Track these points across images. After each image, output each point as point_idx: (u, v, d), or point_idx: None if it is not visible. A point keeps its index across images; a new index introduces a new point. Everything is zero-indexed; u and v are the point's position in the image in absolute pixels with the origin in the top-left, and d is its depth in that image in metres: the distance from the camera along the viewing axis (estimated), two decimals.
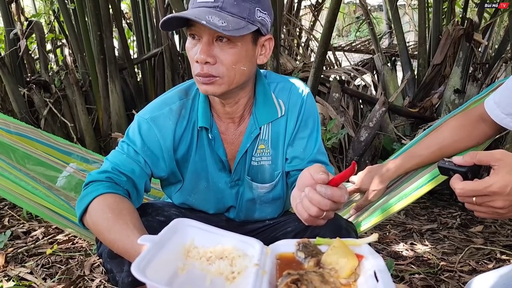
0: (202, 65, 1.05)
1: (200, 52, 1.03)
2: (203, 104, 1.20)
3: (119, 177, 1.12)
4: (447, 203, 3.02)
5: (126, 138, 1.19)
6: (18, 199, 1.45)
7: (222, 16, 1.01)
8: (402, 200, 1.51)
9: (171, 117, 1.19)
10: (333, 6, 2.72)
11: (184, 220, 0.86)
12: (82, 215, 1.08)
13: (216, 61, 1.05)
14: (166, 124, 1.18)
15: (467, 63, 3.13)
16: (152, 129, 1.17)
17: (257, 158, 1.25)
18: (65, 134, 3.70)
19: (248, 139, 1.22)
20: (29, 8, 5.36)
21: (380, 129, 3.15)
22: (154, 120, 1.18)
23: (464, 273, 2.02)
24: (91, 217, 1.05)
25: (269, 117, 1.22)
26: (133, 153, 1.16)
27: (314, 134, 1.26)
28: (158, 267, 0.72)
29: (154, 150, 1.18)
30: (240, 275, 0.77)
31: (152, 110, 1.20)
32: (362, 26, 5.70)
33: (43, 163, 1.80)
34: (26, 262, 2.09)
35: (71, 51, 3.95)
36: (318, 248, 0.84)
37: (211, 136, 1.21)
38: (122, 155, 1.16)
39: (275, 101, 1.23)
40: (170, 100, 1.21)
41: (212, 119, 1.22)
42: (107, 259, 1.09)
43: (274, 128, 1.24)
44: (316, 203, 0.89)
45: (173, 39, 3.85)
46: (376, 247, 2.28)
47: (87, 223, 1.08)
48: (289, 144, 1.25)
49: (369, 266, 0.75)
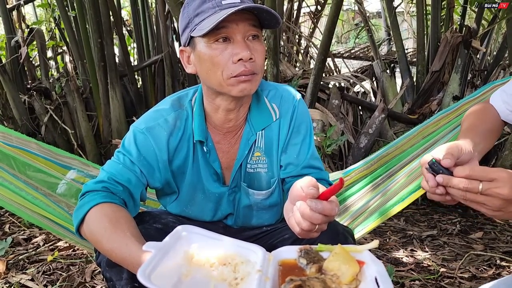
0: (245, 63, 1.06)
1: (243, 49, 1.04)
2: (198, 117, 1.20)
3: (115, 186, 1.12)
4: (447, 210, 3.02)
5: (122, 149, 1.19)
6: (18, 210, 1.46)
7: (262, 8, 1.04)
8: (398, 204, 1.53)
9: (167, 128, 1.19)
10: (332, 13, 2.74)
11: (188, 227, 0.87)
12: (79, 226, 1.08)
13: (255, 57, 1.07)
14: (161, 135, 1.18)
15: (465, 70, 3.15)
16: (148, 139, 1.17)
17: (253, 165, 1.26)
18: (66, 141, 3.71)
19: (245, 146, 1.23)
20: (30, 15, 5.38)
21: (380, 136, 3.17)
22: (149, 130, 1.18)
23: (464, 280, 2.02)
24: (88, 226, 1.05)
25: (264, 122, 1.23)
26: (129, 163, 1.16)
27: (307, 139, 1.27)
28: (163, 273, 0.73)
29: (150, 160, 1.18)
30: (243, 281, 0.78)
31: (147, 121, 1.20)
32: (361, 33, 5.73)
33: (43, 171, 1.81)
34: (27, 269, 2.10)
35: (71, 58, 3.96)
36: (320, 255, 0.85)
37: (206, 149, 1.21)
38: (118, 165, 1.15)
39: (268, 105, 1.25)
40: (165, 111, 1.21)
41: (207, 131, 1.22)
42: (106, 268, 1.09)
43: (267, 135, 1.25)
44: (307, 218, 0.89)
45: (173, 46, 3.87)
46: (376, 254, 2.29)
47: (84, 233, 1.07)
48: (283, 150, 1.26)
49: (370, 272, 0.76)
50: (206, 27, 1.02)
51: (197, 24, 1.06)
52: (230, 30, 1.04)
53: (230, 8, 1.02)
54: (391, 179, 1.75)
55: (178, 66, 3.89)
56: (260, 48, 1.09)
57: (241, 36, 1.06)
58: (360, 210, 1.73)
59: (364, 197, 1.80)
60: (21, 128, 3.59)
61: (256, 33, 1.08)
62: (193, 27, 1.08)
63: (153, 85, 4.02)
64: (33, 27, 3.97)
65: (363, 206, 1.74)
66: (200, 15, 1.06)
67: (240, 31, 1.05)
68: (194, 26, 1.07)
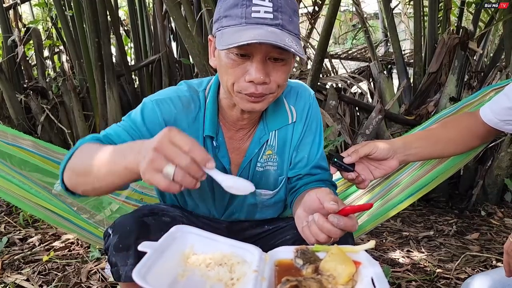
0: (256, 85, 1.01)
1: (257, 72, 0.99)
2: (211, 111, 1.17)
3: (108, 143, 1.07)
4: (443, 211, 3.03)
5: (126, 117, 1.16)
6: (21, 202, 1.44)
7: (291, 38, 0.97)
8: (396, 207, 1.53)
9: (177, 104, 1.15)
10: (330, 14, 2.74)
11: (184, 227, 0.86)
12: (63, 171, 1.02)
13: (270, 80, 1.02)
14: (170, 110, 1.15)
15: (462, 71, 3.16)
16: (155, 111, 1.13)
17: (263, 164, 1.24)
18: (62, 141, 3.70)
19: (256, 144, 1.21)
20: (27, 14, 5.37)
21: (377, 137, 3.17)
22: (159, 103, 1.14)
23: (460, 280, 2.03)
24: (74, 158, 0.99)
25: (280, 123, 1.22)
26: (129, 128, 1.12)
27: (317, 138, 1.27)
28: (159, 273, 0.73)
29: (152, 132, 1.12)
30: (239, 281, 0.77)
31: (160, 94, 1.17)
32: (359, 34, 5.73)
33: (40, 169, 1.80)
34: (22, 269, 2.08)
35: (68, 58, 3.95)
36: (316, 255, 0.85)
37: (215, 144, 1.18)
38: (118, 127, 1.12)
39: (287, 107, 1.23)
40: (180, 90, 1.19)
41: (219, 125, 1.19)
42: (113, 251, 1.08)
43: (281, 134, 1.24)
44: (326, 231, 0.89)
45: (171, 46, 3.87)
46: (372, 254, 2.29)
47: (70, 171, 0.99)
48: (295, 149, 1.25)
49: (367, 273, 0.76)
50: (226, 43, 0.96)
51: (223, 27, 1.01)
52: (251, 48, 0.98)
53: (257, 25, 0.97)
54: (389, 180, 1.75)
55: (175, 66, 3.89)
56: (281, 69, 1.03)
57: (262, 56, 0.99)
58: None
59: (362, 198, 1.80)
60: (17, 127, 3.57)
61: (279, 56, 1.01)
62: (219, 27, 1.03)
63: (150, 85, 4.01)
64: (29, 26, 3.97)
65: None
66: (228, 18, 1.01)
67: (262, 51, 0.98)
68: (221, 27, 1.02)
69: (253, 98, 1.03)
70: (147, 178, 0.77)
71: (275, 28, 0.97)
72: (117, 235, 1.09)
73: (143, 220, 1.12)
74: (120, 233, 1.09)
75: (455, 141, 1.33)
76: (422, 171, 1.57)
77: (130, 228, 1.09)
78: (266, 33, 0.94)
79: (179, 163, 0.76)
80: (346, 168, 1.21)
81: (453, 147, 1.34)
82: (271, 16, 0.97)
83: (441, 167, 1.53)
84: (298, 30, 1.04)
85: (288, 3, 1.00)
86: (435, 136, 1.32)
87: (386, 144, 1.24)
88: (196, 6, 3.43)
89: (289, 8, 1.00)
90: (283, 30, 0.98)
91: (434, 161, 1.57)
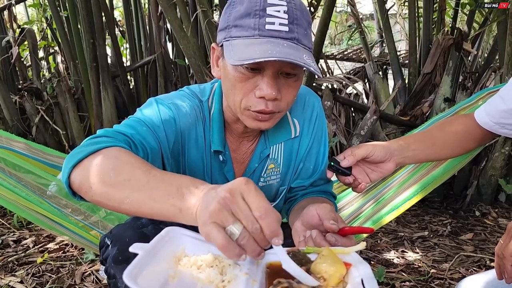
0: (267, 101, 0.94)
1: (269, 88, 0.92)
2: (217, 123, 1.10)
3: (142, 148, 0.96)
4: (438, 211, 3.05)
5: (140, 115, 1.04)
6: (12, 205, 1.44)
7: (307, 54, 0.92)
8: (392, 212, 1.54)
9: (192, 115, 1.08)
10: (325, 15, 2.75)
11: (176, 229, 0.86)
12: (75, 165, 0.85)
13: (281, 96, 0.96)
14: (186, 119, 1.07)
15: (457, 72, 3.17)
16: (172, 115, 1.05)
17: (266, 179, 1.20)
18: (57, 142, 3.70)
19: (256, 159, 1.17)
20: (22, 15, 5.35)
21: (372, 137, 3.18)
22: (176, 108, 1.06)
23: (454, 281, 2.03)
24: (101, 160, 0.82)
25: (281, 137, 1.17)
26: (153, 129, 1.00)
27: (322, 148, 1.23)
28: (150, 275, 0.73)
29: (168, 136, 1.04)
30: (230, 283, 0.77)
31: (172, 98, 1.08)
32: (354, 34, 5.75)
33: (33, 172, 1.79)
34: (16, 271, 2.08)
35: (63, 59, 3.95)
36: (308, 257, 0.84)
37: (222, 158, 1.14)
38: (142, 127, 0.99)
39: (290, 120, 1.18)
40: (188, 97, 1.11)
41: (225, 139, 1.13)
42: (112, 264, 1.04)
43: (287, 147, 1.19)
44: None
45: (166, 47, 3.87)
46: (367, 255, 2.30)
47: (88, 172, 0.82)
48: (301, 160, 1.22)
49: (357, 274, 0.77)
50: (239, 57, 0.88)
51: (232, 38, 0.94)
52: (264, 62, 0.90)
53: (271, 38, 0.90)
54: (384, 183, 1.75)
55: (171, 67, 3.88)
56: (293, 85, 0.97)
57: (274, 70, 0.92)
58: (354, 214, 1.73)
59: (356, 201, 1.80)
60: (11, 128, 3.56)
61: (292, 72, 0.94)
62: (227, 37, 0.95)
63: (146, 86, 4.01)
64: (24, 27, 3.96)
65: (356, 210, 1.74)
66: (239, 29, 0.93)
67: (275, 66, 0.91)
68: (229, 37, 0.94)
69: (261, 117, 0.97)
70: (206, 231, 0.68)
71: (291, 43, 0.91)
72: (116, 247, 1.05)
73: (143, 231, 1.09)
74: (120, 245, 1.05)
75: (451, 144, 1.32)
76: (419, 175, 1.57)
77: (129, 240, 1.05)
78: (282, 49, 0.88)
79: (246, 226, 0.66)
80: (343, 172, 1.17)
81: (450, 149, 1.33)
82: (286, 29, 0.91)
83: (437, 171, 1.53)
84: (312, 44, 0.98)
85: (304, 14, 0.94)
86: (432, 139, 1.31)
87: (383, 146, 1.21)
88: (191, 7, 3.43)
89: (305, 20, 0.95)
90: (298, 44, 0.92)
91: (429, 165, 1.57)
